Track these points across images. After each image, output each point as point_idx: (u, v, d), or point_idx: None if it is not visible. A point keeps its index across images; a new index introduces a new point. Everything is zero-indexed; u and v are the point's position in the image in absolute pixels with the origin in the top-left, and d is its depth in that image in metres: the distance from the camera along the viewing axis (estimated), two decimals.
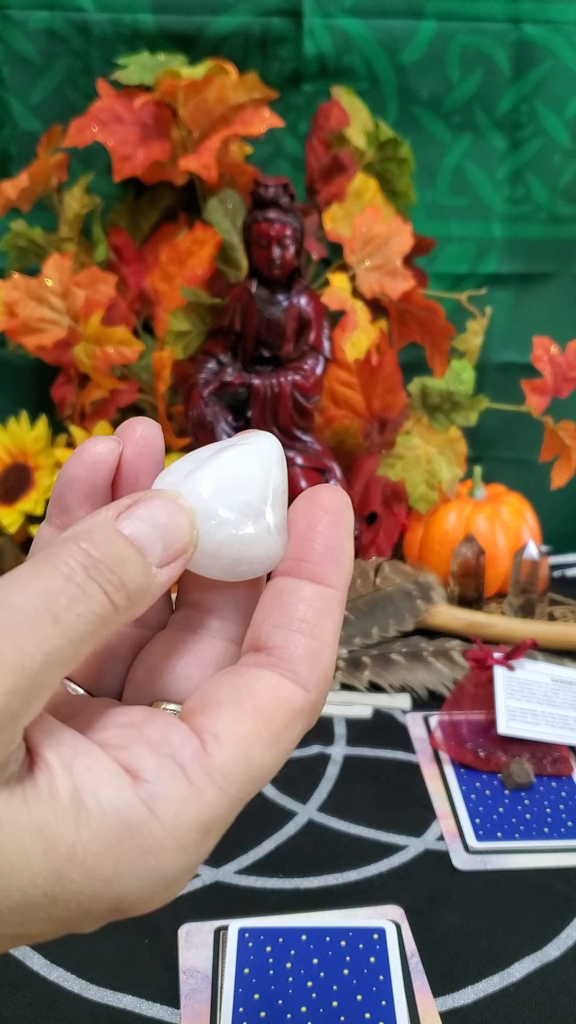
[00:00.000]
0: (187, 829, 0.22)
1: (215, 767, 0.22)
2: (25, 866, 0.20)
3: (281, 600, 0.25)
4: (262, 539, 0.25)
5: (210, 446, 0.27)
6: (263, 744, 0.23)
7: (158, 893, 0.22)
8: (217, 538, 0.25)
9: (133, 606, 0.23)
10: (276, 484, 0.26)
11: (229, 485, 0.25)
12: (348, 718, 0.71)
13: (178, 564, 0.24)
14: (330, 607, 0.25)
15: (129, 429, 0.27)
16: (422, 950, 0.50)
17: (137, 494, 0.25)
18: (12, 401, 0.96)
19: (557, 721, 0.66)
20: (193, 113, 0.84)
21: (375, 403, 0.89)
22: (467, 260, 0.96)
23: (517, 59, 0.90)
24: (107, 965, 0.49)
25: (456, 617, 0.80)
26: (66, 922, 0.22)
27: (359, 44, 0.89)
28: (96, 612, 0.22)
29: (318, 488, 0.26)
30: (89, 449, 0.26)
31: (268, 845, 0.58)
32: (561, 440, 0.85)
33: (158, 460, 0.27)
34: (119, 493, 0.27)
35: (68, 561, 0.22)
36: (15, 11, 0.88)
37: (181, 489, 0.25)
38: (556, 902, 0.53)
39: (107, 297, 0.82)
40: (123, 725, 0.23)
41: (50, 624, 0.21)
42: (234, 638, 0.27)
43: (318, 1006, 0.46)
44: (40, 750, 0.21)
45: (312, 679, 0.24)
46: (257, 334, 0.82)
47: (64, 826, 0.21)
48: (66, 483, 0.26)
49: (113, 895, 0.21)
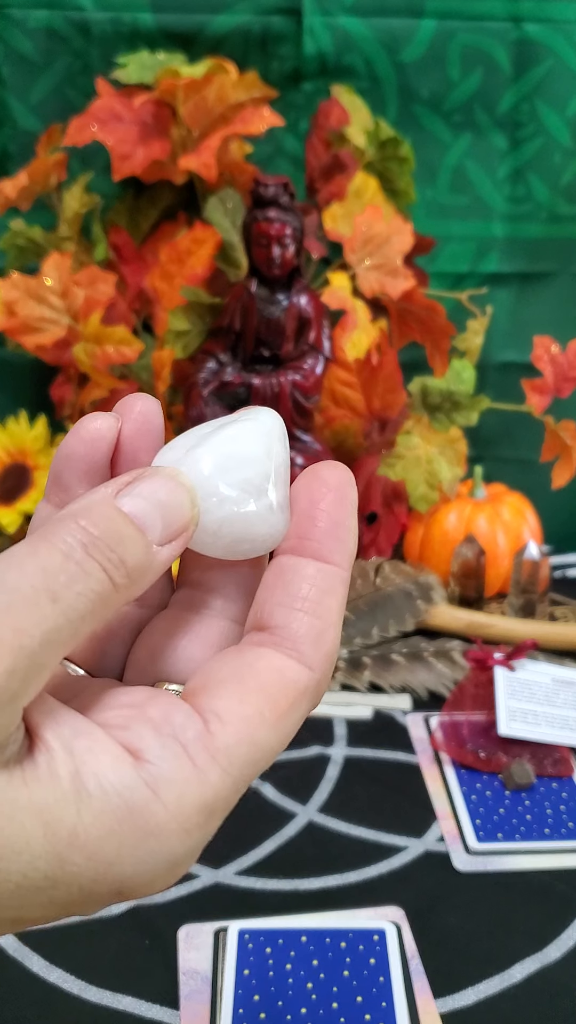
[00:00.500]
0: (190, 811, 0.22)
1: (218, 747, 0.22)
2: (25, 849, 0.20)
3: (284, 578, 0.25)
4: (264, 517, 0.25)
5: (211, 422, 0.27)
6: (267, 724, 0.23)
7: (160, 876, 0.22)
8: (218, 516, 0.25)
9: (133, 584, 0.23)
10: (278, 461, 0.26)
11: (230, 462, 0.25)
12: (348, 719, 0.71)
13: (179, 542, 0.24)
14: (333, 585, 0.25)
15: (128, 405, 0.27)
16: (422, 951, 0.49)
17: (136, 471, 0.24)
18: (11, 401, 0.96)
19: (558, 722, 0.66)
20: (193, 112, 0.84)
21: (375, 403, 0.89)
22: (467, 259, 0.96)
23: (518, 58, 0.89)
24: (107, 966, 0.49)
25: (456, 617, 0.80)
26: (67, 905, 0.21)
27: (359, 43, 0.89)
28: (95, 590, 0.21)
29: (320, 465, 0.26)
30: (87, 425, 0.26)
31: (268, 846, 0.58)
32: (562, 440, 0.85)
33: (158, 437, 0.27)
34: (118, 470, 0.27)
35: (66, 539, 0.21)
36: (14, 10, 0.88)
37: (181, 466, 0.25)
38: (557, 903, 0.53)
39: (107, 296, 0.82)
40: (125, 705, 0.23)
41: (48, 603, 0.20)
42: (236, 617, 0.27)
43: (318, 1007, 0.45)
44: (40, 731, 0.21)
45: (316, 658, 0.24)
46: (257, 333, 0.81)
47: (65, 808, 0.20)
48: (64, 460, 0.26)
49: (115, 878, 0.21)
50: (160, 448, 0.26)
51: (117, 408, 0.27)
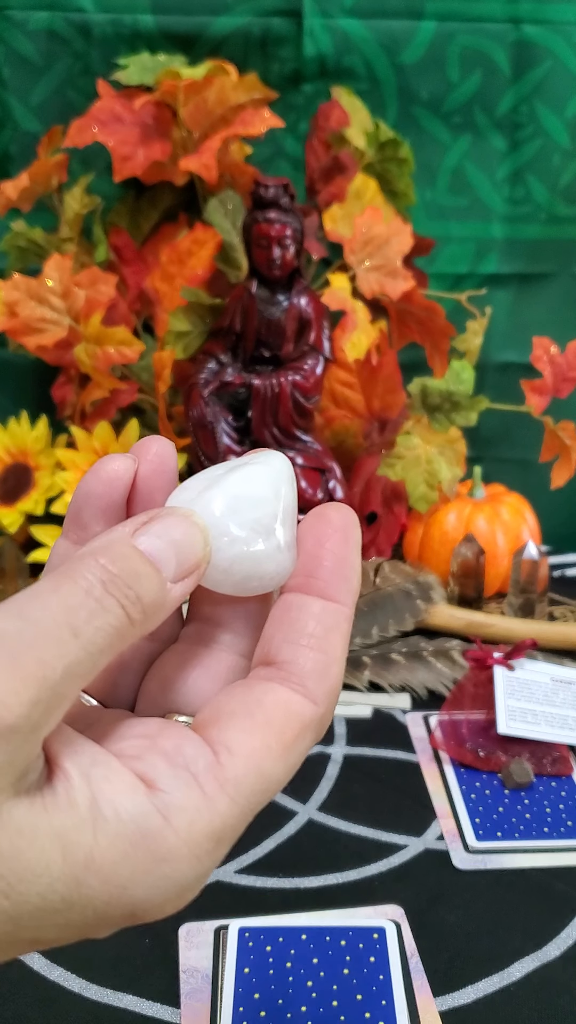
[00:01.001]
0: (200, 838, 0.22)
1: (227, 778, 0.23)
2: (44, 872, 0.21)
3: (291, 615, 0.26)
4: (272, 556, 0.26)
5: (222, 464, 0.28)
6: (274, 756, 0.24)
7: (171, 900, 0.23)
8: (229, 554, 0.26)
9: (148, 620, 0.24)
10: (286, 502, 0.27)
11: (241, 503, 0.26)
12: (348, 718, 0.71)
13: (191, 579, 0.25)
14: (338, 622, 0.26)
15: (144, 447, 0.28)
16: (422, 950, 0.50)
17: (152, 511, 0.26)
18: (12, 401, 0.96)
19: (557, 721, 0.66)
20: (193, 113, 0.84)
21: (375, 403, 0.89)
22: (467, 260, 0.96)
23: (517, 59, 0.90)
24: (107, 965, 0.49)
25: (456, 617, 0.80)
26: (82, 927, 0.22)
27: (359, 45, 0.89)
28: (114, 626, 0.22)
29: (326, 506, 0.27)
30: (106, 466, 0.27)
31: (268, 844, 0.58)
32: (561, 440, 0.85)
33: (172, 478, 0.28)
34: (134, 510, 0.28)
35: (87, 576, 0.22)
36: (15, 11, 0.88)
37: (195, 506, 0.26)
38: (556, 902, 0.53)
39: (107, 297, 0.82)
40: (138, 736, 0.24)
41: (70, 637, 0.21)
42: (244, 652, 0.28)
43: (318, 1005, 0.46)
44: (59, 759, 0.22)
45: (321, 693, 0.25)
46: (257, 334, 0.82)
47: (82, 833, 0.21)
48: (83, 499, 0.27)
49: (128, 901, 0.22)
50: (174, 489, 0.28)
51: (134, 450, 0.28)
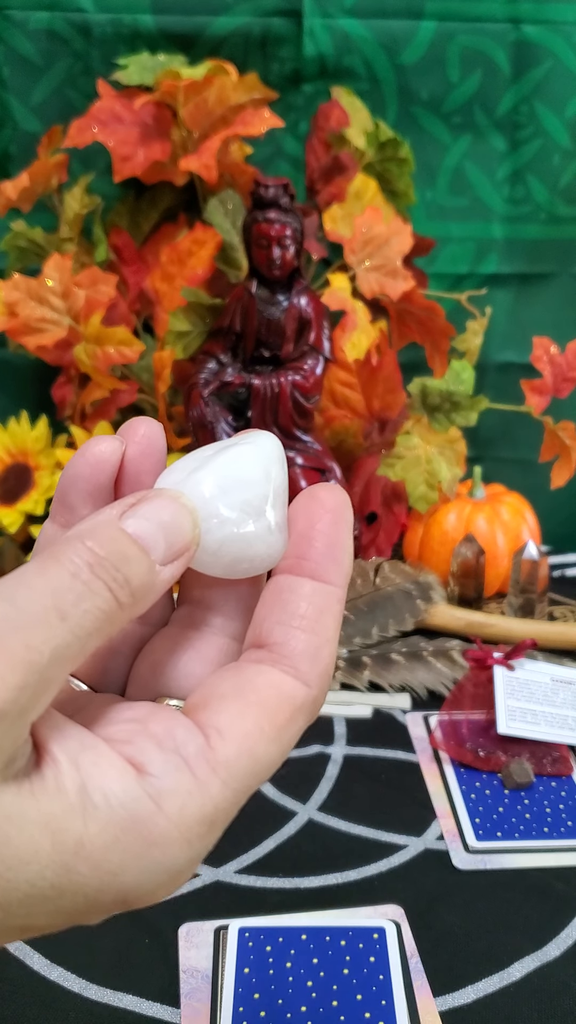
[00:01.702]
0: (192, 822, 0.22)
1: (219, 761, 0.23)
2: (33, 859, 0.21)
3: (282, 597, 0.25)
4: (263, 537, 0.26)
5: (211, 445, 0.27)
6: (266, 739, 0.24)
7: (163, 885, 0.23)
8: (219, 536, 0.25)
9: (137, 603, 0.23)
10: (276, 483, 0.27)
11: (230, 484, 0.26)
12: (348, 718, 0.71)
13: (181, 562, 0.25)
14: (330, 604, 0.25)
15: (132, 428, 0.27)
16: (422, 950, 0.50)
17: (140, 493, 0.25)
18: (12, 401, 0.96)
19: (557, 721, 0.66)
20: (193, 113, 0.84)
21: (375, 403, 0.89)
22: (467, 260, 0.96)
23: (517, 59, 0.90)
24: (107, 964, 0.49)
25: (456, 617, 0.80)
26: (72, 914, 0.22)
27: (359, 44, 0.89)
28: (102, 609, 0.22)
29: (318, 487, 0.27)
30: (92, 448, 0.27)
31: (268, 845, 0.58)
32: (561, 440, 0.85)
33: (160, 459, 0.28)
34: (122, 492, 0.27)
35: (74, 559, 0.22)
36: (15, 11, 0.88)
37: (183, 488, 0.26)
38: (556, 902, 0.53)
39: (107, 297, 0.82)
40: (128, 720, 0.24)
41: (57, 621, 0.21)
42: (235, 635, 0.28)
43: (318, 1005, 0.46)
44: (47, 745, 0.22)
45: (313, 675, 0.25)
46: (257, 334, 0.82)
47: (71, 819, 0.21)
48: (69, 481, 0.27)
49: (119, 887, 0.22)
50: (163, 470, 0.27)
51: (121, 431, 0.28)
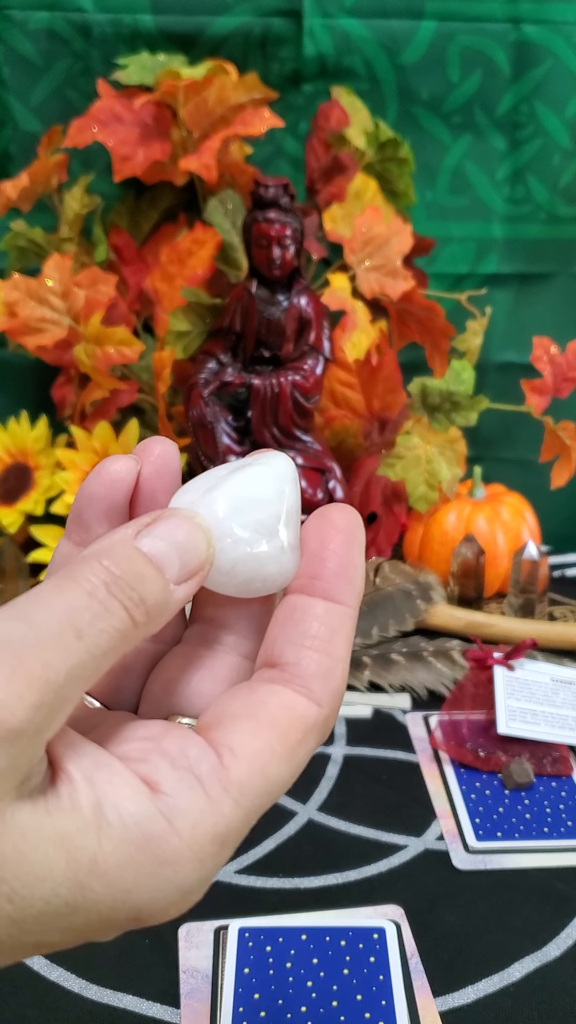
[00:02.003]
0: (204, 841, 0.22)
1: (231, 780, 0.23)
2: (48, 876, 0.21)
3: (294, 617, 0.26)
4: (276, 557, 0.26)
5: (225, 466, 0.28)
6: (278, 758, 0.24)
7: (175, 903, 0.23)
8: (232, 556, 0.26)
9: (152, 622, 0.24)
10: (290, 503, 0.27)
11: (244, 504, 0.26)
12: (348, 718, 0.71)
13: (195, 581, 0.25)
14: (342, 624, 0.26)
15: (147, 449, 0.28)
16: (422, 950, 0.50)
17: (155, 513, 0.25)
18: (12, 401, 0.96)
19: (557, 721, 0.66)
20: (193, 113, 0.84)
21: (375, 403, 0.89)
22: (467, 260, 0.96)
23: (517, 59, 0.90)
24: (107, 965, 0.49)
25: (456, 617, 0.80)
26: (85, 931, 0.22)
27: (359, 44, 0.89)
28: (117, 628, 0.22)
29: (330, 507, 0.27)
30: (108, 468, 0.27)
31: (268, 845, 0.58)
32: (561, 440, 0.85)
33: (175, 479, 0.28)
34: (137, 511, 0.28)
35: (90, 578, 0.22)
36: (15, 11, 0.88)
37: (198, 508, 0.26)
38: (556, 902, 0.53)
39: (107, 297, 0.82)
40: (142, 739, 0.24)
41: (74, 640, 0.21)
42: (248, 653, 0.28)
43: (318, 1006, 0.46)
44: (62, 762, 0.22)
45: (325, 695, 0.25)
46: (257, 334, 0.82)
47: (86, 837, 0.21)
48: (85, 501, 0.27)
49: (132, 905, 0.22)
50: (177, 490, 0.27)
51: (136, 451, 0.28)
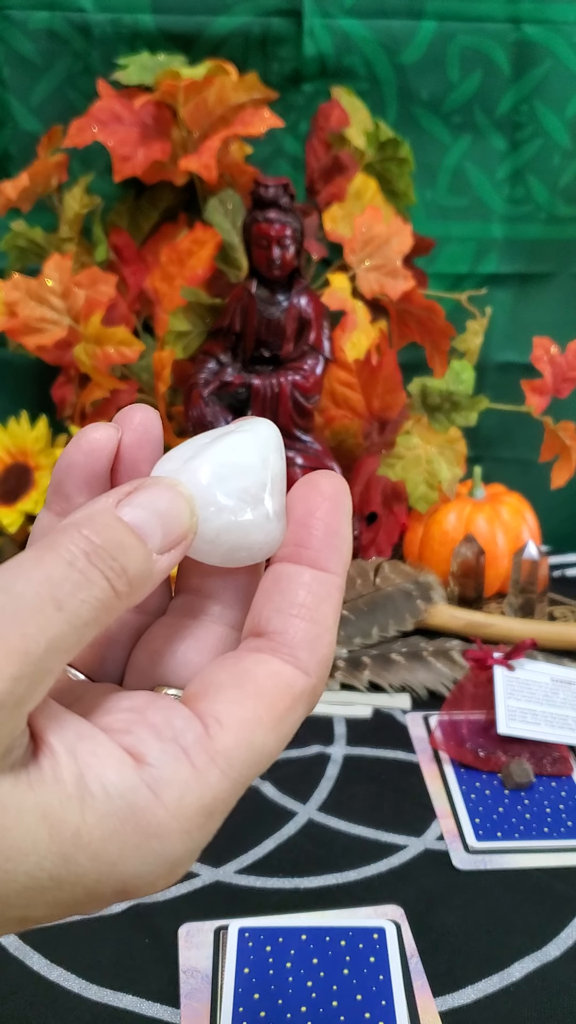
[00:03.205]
0: (191, 812, 0.22)
1: (218, 750, 0.23)
2: (32, 850, 0.20)
3: (280, 586, 0.25)
4: (261, 525, 0.26)
5: (208, 433, 0.27)
6: (265, 728, 0.23)
7: (162, 876, 0.22)
8: (216, 524, 0.25)
9: (134, 592, 0.23)
10: (274, 470, 0.26)
11: (228, 472, 0.26)
12: (348, 718, 0.71)
13: (178, 550, 0.25)
14: (329, 592, 0.25)
15: (128, 416, 0.27)
16: (422, 950, 0.50)
17: (136, 481, 0.25)
18: (12, 401, 0.96)
19: (557, 721, 0.66)
20: (193, 113, 0.84)
21: (375, 403, 0.89)
22: (467, 260, 0.96)
23: (517, 59, 0.90)
24: (107, 965, 0.49)
25: (456, 617, 0.80)
26: (71, 904, 0.22)
27: (359, 44, 0.89)
28: (98, 598, 0.22)
29: (316, 474, 0.26)
30: (88, 436, 0.27)
31: (268, 845, 0.58)
32: (561, 440, 0.85)
33: (157, 447, 0.27)
34: (118, 480, 0.27)
35: (70, 547, 0.22)
36: (15, 11, 0.88)
37: (180, 476, 0.25)
38: (556, 902, 0.53)
39: (107, 297, 0.82)
40: (126, 710, 0.24)
41: (53, 610, 0.21)
42: (234, 623, 0.27)
43: (318, 1006, 0.46)
44: (44, 735, 0.22)
45: (312, 663, 0.25)
46: (257, 334, 0.82)
47: (69, 810, 0.21)
48: (65, 470, 0.27)
49: (118, 878, 0.22)
50: (159, 458, 0.27)
51: (117, 418, 0.27)
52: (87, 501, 0.26)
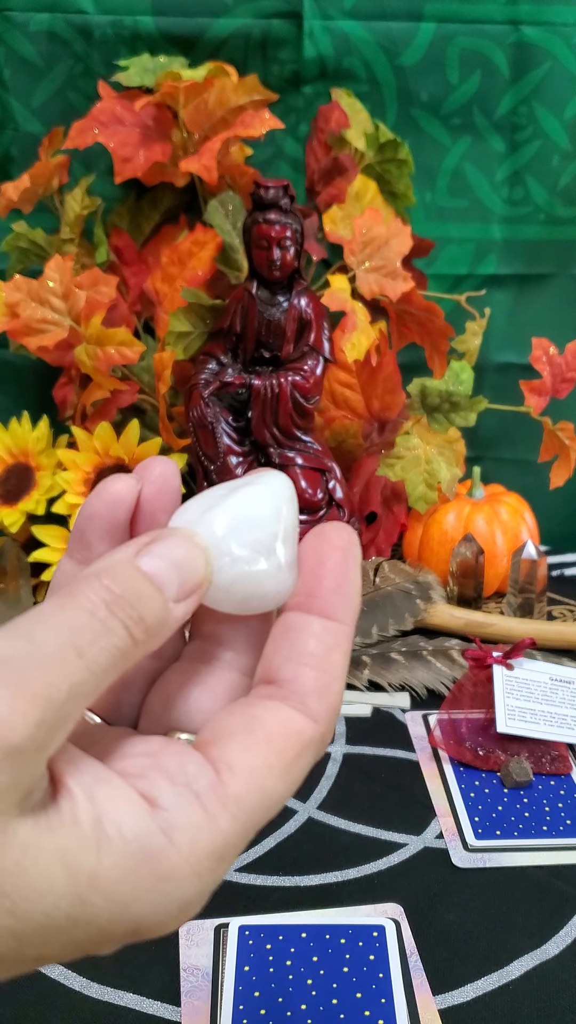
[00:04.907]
0: (202, 856, 0.23)
1: (229, 796, 0.23)
2: (49, 890, 0.21)
3: (291, 634, 0.26)
4: (273, 575, 0.26)
5: (224, 485, 0.28)
6: (275, 774, 0.24)
7: (173, 917, 0.23)
8: (230, 574, 0.26)
9: (151, 639, 0.24)
10: (287, 522, 0.27)
11: (242, 523, 0.26)
12: (348, 716, 0.71)
13: (193, 599, 0.25)
14: (339, 641, 0.26)
15: (148, 468, 0.28)
16: (421, 948, 0.50)
17: (155, 532, 0.26)
18: (14, 402, 0.97)
19: (556, 720, 0.67)
20: (193, 115, 0.84)
21: (375, 403, 0.89)
22: (466, 261, 0.96)
23: (516, 61, 0.90)
24: (108, 963, 0.49)
25: (455, 616, 0.80)
26: (85, 944, 0.22)
27: (359, 46, 0.90)
28: (118, 646, 0.23)
29: (327, 525, 0.27)
30: (109, 488, 0.27)
31: (268, 843, 0.58)
32: (560, 440, 0.85)
33: (175, 498, 0.28)
34: (137, 530, 0.28)
35: (91, 597, 0.23)
36: (16, 13, 0.88)
37: (196, 527, 0.26)
38: (555, 900, 0.53)
39: (108, 298, 0.82)
40: (141, 755, 0.24)
41: (75, 658, 0.22)
42: (246, 670, 0.28)
43: (318, 1003, 0.46)
44: (63, 778, 0.22)
45: (321, 711, 0.25)
46: (257, 335, 0.82)
47: (86, 852, 0.21)
48: (87, 520, 0.27)
49: (131, 919, 0.22)
50: (177, 509, 0.28)
51: (137, 470, 0.28)
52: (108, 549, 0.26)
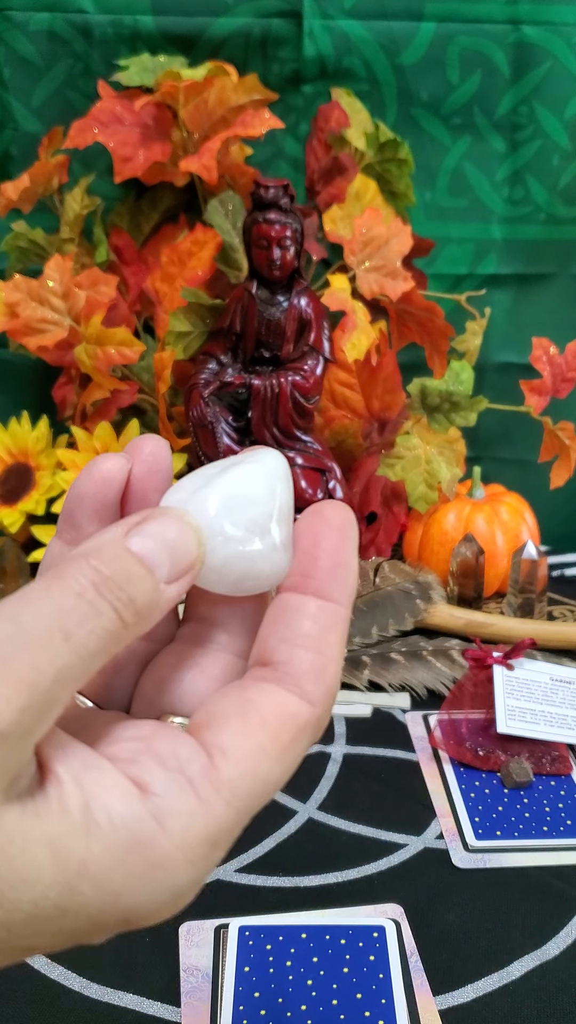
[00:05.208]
0: (195, 843, 0.22)
1: (222, 781, 0.23)
2: (37, 879, 0.20)
3: (286, 616, 0.25)
4: (267, 555, 0.26)
5: (216, 463, 0.27)
6: (269, 758, 0.23)
7: (166, 906, 0.22)
8: (224, 554, 0.25)
9: (142, 622, 0.23)
10: (282, 501, 0.27)
11: (235, 502, 0.26)
12: (348, 717, 0.71)
13: (185, 580, 0.25)
14: (335, 622, 0.25)
15: (138, 447, 0.28)
16: (422, 948, 0.50)
17: (145, 511, 0.25)
18: (13, 401, 0.96)
19: (556, 720, 0.66)
20: (193, 114, 0.84)
21: (375, 403, 0.89)
22: (466, 261, 0.96)
23: (516, 61, 0.90)
24: (108, 963, 0.49)
25: (455, 616, 0.80)
26: (76, 934, 0.22)
27: (359, 46, 0.90)
28: (106, 628, 0.22)
29: (323, 504, 0.26)
30: (99, 466, 0.27)
31: (268, 843, 0.58)
32: (560, 440, 0.85)
33: (166, 477, 0.28)
34: (128, 510, 0.27)
35: (79, 578, 0.22)
36: (16, 12, 0.88)
37: (188, 506, 0.26)
38: (555, 900, 0.53)
39: (108, 298, 0.82)
40: (132, 739, 0.24)
41: (62, 641, 0.21)
42: (240, 652, 0.28)
43: (318, 1004, 0.46)
44: (51, 764, 0.22)
45: (317, 694, 0.25)
46: (257, 335, 0.82)
47: (75, 839, 0.21)
48: (76, 500, 0.27)
49: (122, 907, 0.22)
50: (169, 488, 0.27)
51: (127, 449, 0.28)
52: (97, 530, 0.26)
